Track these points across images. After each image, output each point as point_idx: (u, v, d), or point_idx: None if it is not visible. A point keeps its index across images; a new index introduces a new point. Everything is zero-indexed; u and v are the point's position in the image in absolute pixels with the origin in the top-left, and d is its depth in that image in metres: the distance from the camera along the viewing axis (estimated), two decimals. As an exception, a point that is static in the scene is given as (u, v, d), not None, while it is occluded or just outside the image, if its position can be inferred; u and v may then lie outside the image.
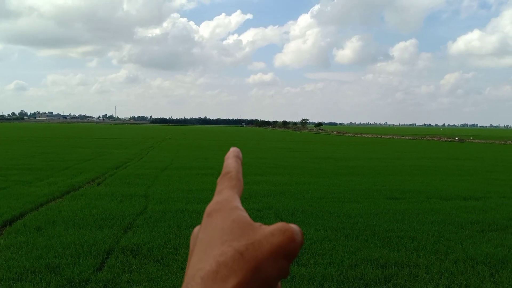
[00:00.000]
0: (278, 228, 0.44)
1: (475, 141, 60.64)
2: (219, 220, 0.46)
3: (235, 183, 0.51)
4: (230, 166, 0.53)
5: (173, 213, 8.77)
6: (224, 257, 0.43)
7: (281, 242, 0.44)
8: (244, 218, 0.46)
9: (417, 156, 28.94)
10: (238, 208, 0.47)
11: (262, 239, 0.44)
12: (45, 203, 9.70)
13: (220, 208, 0.47)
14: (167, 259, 6.11)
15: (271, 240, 0.44)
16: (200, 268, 0.43)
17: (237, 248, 0.43)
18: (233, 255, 0.43)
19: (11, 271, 5.50)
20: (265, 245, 0.43)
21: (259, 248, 0.43)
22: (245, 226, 0.45)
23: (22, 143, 34.12)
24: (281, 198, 10.88)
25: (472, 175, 17.55)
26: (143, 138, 48.15)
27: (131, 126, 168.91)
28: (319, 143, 47.54)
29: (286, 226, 0.45)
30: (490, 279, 5.68)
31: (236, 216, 0.46)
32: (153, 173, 15.47)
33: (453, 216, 9.20)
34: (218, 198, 0.49)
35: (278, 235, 0.44)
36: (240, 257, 0.42)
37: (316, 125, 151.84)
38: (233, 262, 0.42)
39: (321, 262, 6.08)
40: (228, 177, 0.52)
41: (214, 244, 0.44)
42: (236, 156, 0.56)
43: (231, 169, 0.53)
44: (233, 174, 0.52)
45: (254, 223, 0.46)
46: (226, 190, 0.50)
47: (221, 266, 0.42)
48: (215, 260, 0.43)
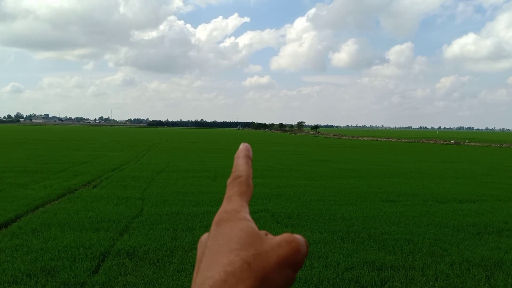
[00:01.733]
0: (285, 240, 0.46)
1: (471, 144, 60.91)
2: (228, 229, 0.47)
3: (245, 190, 0.52)
4: (241, 169, 0.54)
5: (169, 216, 8.75)
6: (232, 267, 0.44)
7: (287, 253, 0.45)
8: (251, 228, 0.48)
9: (413, 159, 29.03)
10: (246, 218, 0.49)
11: (269, 250, 0.46)
12: (41, 206, 9.66)
13: (229, 218, 0.49)
14: (163, 261, 6.10)
15: (277, 251, 0.45)
16: (209, 276, 0.44)
17: (245, 258, 0.45)
18: (241, 265, 0.44)
19: (6, 273, 5.48)
20: (272, 256, 0.45)
21: (266, 259, 0.45)
22: (253, 236, 0.47)
23: (18, 145, 33.99)
24: (277, 200, 10.89)
25: (467, 178, 17.61)
26: (140, 141, 48.07)
27: (127, 128, 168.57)
28: (315, 146, 47.60)
29: (292, 238, 0.47)
30: (486, 282, 5.69)
31: (244, 226, 0.48)
32: (150, 175, 15.45)
33: (449, 219, 9.23)
34: (227, 206, 0.50)
35: (285, 246, 0.46)
36: (248, 267, 0.44)
37: (313, 128, 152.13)
38: (241, 272, 0.44)
39: (318, 265, 6.08)
40: (238, 182, 0.52)
41: (222, 253, 0.46)
42: (247, 155, 0.57)
43: (241, 173, 0.54)
44: (243, 179, 0.53)
45: (261, 233, 0.48)
46: (235, 197, 0.51)
47: (230, 276, 0.43)
48: (223, 270, 0.44)
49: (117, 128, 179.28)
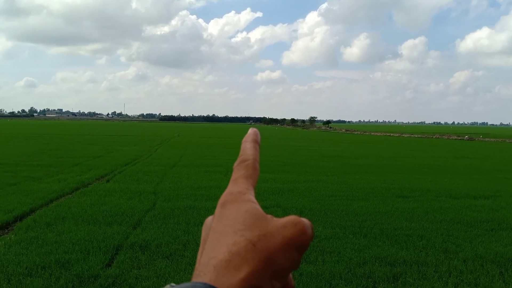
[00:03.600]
0: (290, 221, 0.46)
1: (485, 139, 60.14)
2: (233, 210, 0.47)
3: (251, 173, 0.52)
4: (248, 152, 0.54)
5: (181, 210, 8.80)
6: (237, 247, 0.44)
7: (292, 234, 0.45)
8: (256, 209, 0.47)
9: (426, 154, 28.78)
10: (252, 200, 0.48)
11: (274, 230, 0.45)
12: (55, 199, 9.78)
13: (234, 199, 0.48)
14: (176, 255, 6.13)
15: (283, 232, 0.45)
16: (213, 256, 0.44)
17: (250, 238, 0.44)
18: (246, 245, 0.44)
19: (21, 266, 5.56)
20: (277, 236, 0.45)
21: (272, 239, 0.44)
22: (258, 217, 0.46)
23: (32, 139, 34.39)
24: (289, 195, 10.88)
25: (481, 174, 17.42)
26: (152, 136, 48.33)
27: (140, 123, 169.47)
28: (327, 141, 47.41)
29: (298, 219, 0.46)
30: (500, 278, 5.64)
31: (249, 207, 0.47)
32: (162, 170, 15.53)
33: (463, 214, 9.14)
34: (232, 188, 0.50)
35: (290, 227, 0.45)
36: (253, 247, 0.44)
37: (325, 123, 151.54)
38: (246, 252, 0.43)
39: (329, 260, 6.07)
40: (245, 165, 0.52)
41: (227, 234, 0.45)
42: (255, 140, 0.56)
43: (248, 157, 0.53)
44: (249, 162, 0.52)
45: (266, 215, 0.47)
46: (241, 180, 0.51)
47: (234, 256, 0.43)
48: (228, 250, 0.44)
49: (130, 123, 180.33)
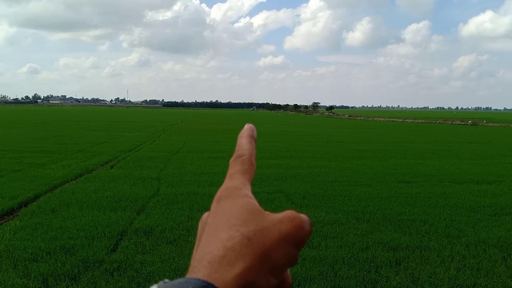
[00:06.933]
0: (287, 216, 0.45)
1: (489, 124, 59.89)
2: (228, 206, 0.46)
3: (247, 168, 0.51)
4: (244, 147, 0.53)
5: (185, 196, 8.84)
6: (231, 242, 0.43)
7: (289, 229, 0.44)
8: (252, 205, 0.46)
9: (429, 139, 28.70)
10: (248, 195, 0.47)
11: (271, 225, 0.44)
12: (59, 185, 9.84)
13: (230, 194, 0.47)
14: (180, 240, 6.17)
15: (279, 227, 0.44)
16: (208, 252, 0.43)
17: (245, 234, 0.43)
18: (241, 240, 0.43)
19: (27, 251, 5.61)
20: (273, 231, 0.43)
21: (268, 235, 0.43)
22: (254, 212, 0.45)
23: (36, 126, 34.47)
24: (292, 181, 10.89)
25: (485, 159, 17.38)
26: (155, 122, 48.36)
27: (143, 109, 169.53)
28: (330, 126, 47.32)
29: (295, 214, 0.45)
30: (502, 263, 5.66)
31: (245, 202, 0.46)
32: (165, 156, 15.56)
33: (465, 199, 9.14)
34: (228, 184, 0.49)
35: (287, 222, 0.44)
36: (248, 242, 0.43)
37: (328, 109, 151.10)
38: (241, 247, 0.42)
39: (332, 245, 6.10)
40: (241, 161, 0.51)
41: (222, 229, 0.44)
42: (251, 135, 0.55)
43: (244, 152, 0.52)
44: (246, 158, 0.51)
45: (263, 210, 0.46)
46: (237, 175, 0.50)
47: (229, 251, 0.42)
48: (222, 245, 0.43)
49: (133, 109, 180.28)
